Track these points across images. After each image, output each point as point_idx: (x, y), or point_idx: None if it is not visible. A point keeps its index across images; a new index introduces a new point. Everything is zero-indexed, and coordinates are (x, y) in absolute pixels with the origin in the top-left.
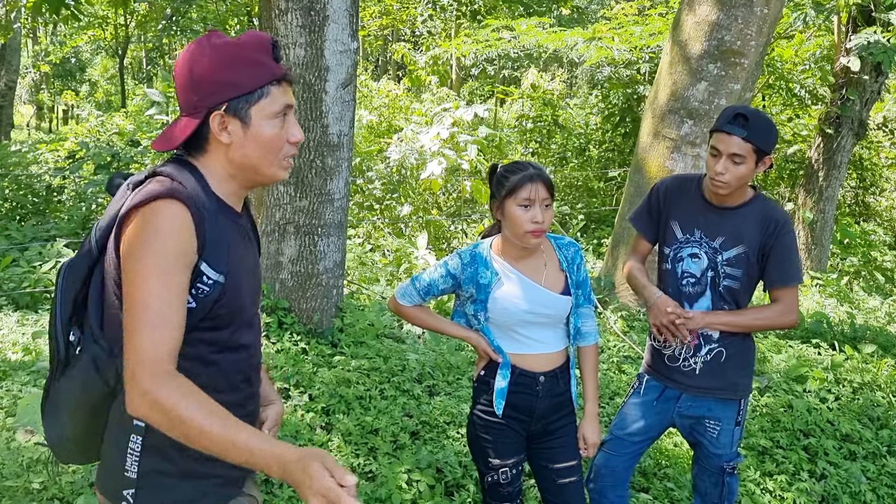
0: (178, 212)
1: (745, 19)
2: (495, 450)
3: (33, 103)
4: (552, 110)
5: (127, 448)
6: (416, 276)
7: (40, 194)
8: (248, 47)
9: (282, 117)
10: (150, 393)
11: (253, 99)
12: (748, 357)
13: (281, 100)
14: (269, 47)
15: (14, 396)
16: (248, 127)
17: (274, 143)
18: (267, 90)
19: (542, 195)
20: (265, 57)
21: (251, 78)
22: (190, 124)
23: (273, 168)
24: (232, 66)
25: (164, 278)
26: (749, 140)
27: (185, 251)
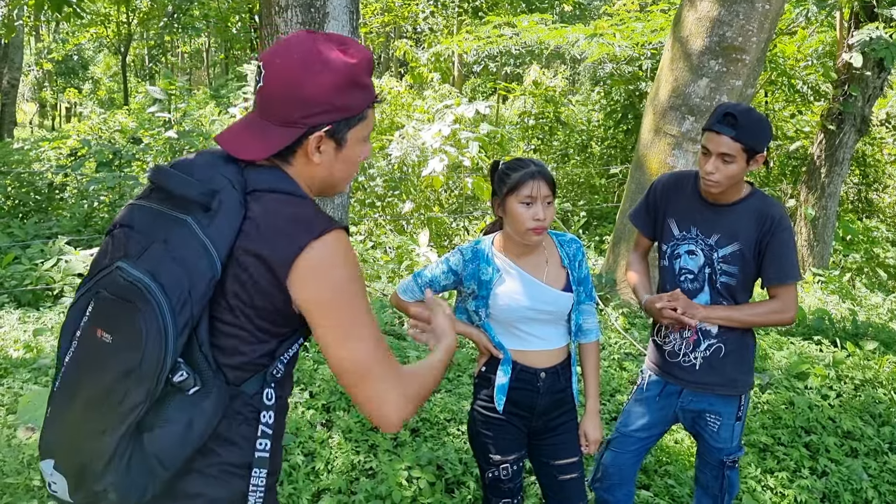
0: (350, 244)
1: (746, 15)
2: (496, 446)
3: (36, 101)
4: (554, 107)
5: (248, 484)
6: (418, 272)
7: (42, 192)
8: (360, 69)
9: (367, 139)
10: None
11: (353, 122)
12: (748, 353)
13: (372, 122)
14: (372, 67)
15: (15, 394)
16: (342, 149)
17: (357, 163)
18: (367, 113)
19: (544, 192)
20: (369, 77)
21: (359, 101)
22: (285, 137)
23: (346, 184)
24: (349, 90)
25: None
26: (738, 139)
27: None
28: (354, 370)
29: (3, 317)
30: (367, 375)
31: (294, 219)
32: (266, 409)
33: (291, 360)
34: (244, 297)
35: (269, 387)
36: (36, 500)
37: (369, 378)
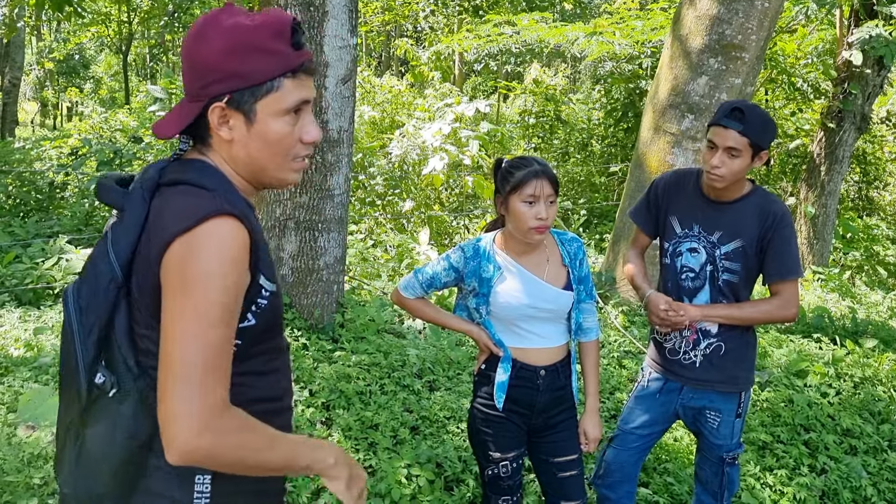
0: (235, 233)
1: (745, 13)
2: (496, 443)
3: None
4: (555, 105)
5: (192, 489)
6: (419, 269)
7: (43, 191)
8: (262, 31)
9: (293, 114)
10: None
11: (260, 92)
12: (748, 351)
13: (295, 95)
14: (289, 32)
15: (15, 392)
16: (253, 124)
17: (282, 143)
18: (278, 83)
19: (547, 192)
20: (281, 43)
21: (261, 68)
22: (190, 111)
23: (282, 171)
24: (241, 53)
25: (227, 320)
26: (745, 134)
27: (243, 276)
28: (165, 364)
29: (4, 315)
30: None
31: (177, 211)
32: None
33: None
34: (143, 297)
35: None
36: (36, 498)
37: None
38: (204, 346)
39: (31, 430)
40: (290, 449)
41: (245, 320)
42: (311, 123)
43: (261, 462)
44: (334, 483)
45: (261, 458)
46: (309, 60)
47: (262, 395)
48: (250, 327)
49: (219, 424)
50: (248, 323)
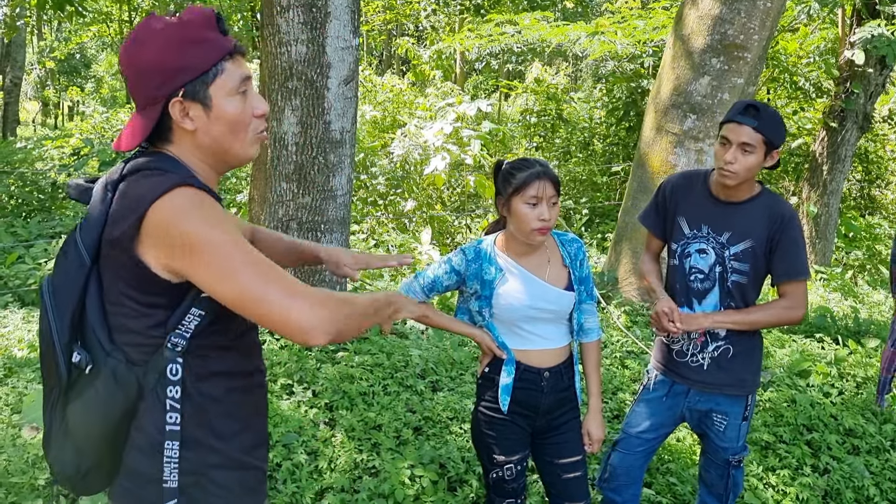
0: (199, 192)
1: (747, 13)
2: (500, 446)
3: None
4: (556, 104)
5: (162, 458)
6: (420, 273)
7: (45, 191)
8: (191, 26)
9: (242, 93)
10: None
11: (209, 79)
12: (755, 353)
13: (237, 73)
14: (214, 21)
15: (20, 393)
16: (211, 108)
17: (240, 119)
18: (221, 67)
19: (549, 193)
20: (211, 32)
21: (202, 57)
22: (148, 117)
23: (244, 145)
24: (179, 49)
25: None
26: (759, 130)
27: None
28: (249, 299)
29: (8, 316)
30: (262, 299)
31: (141, 190)
32: (172, 385)
33: (202, 332)
34: (114, 277)
35: (174, 362)
36: (41, 499)
37: (266, 301)
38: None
39: (36, 432)
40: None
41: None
42: (258, 98)
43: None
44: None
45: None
46: (238, 42)
47: (226, 370)
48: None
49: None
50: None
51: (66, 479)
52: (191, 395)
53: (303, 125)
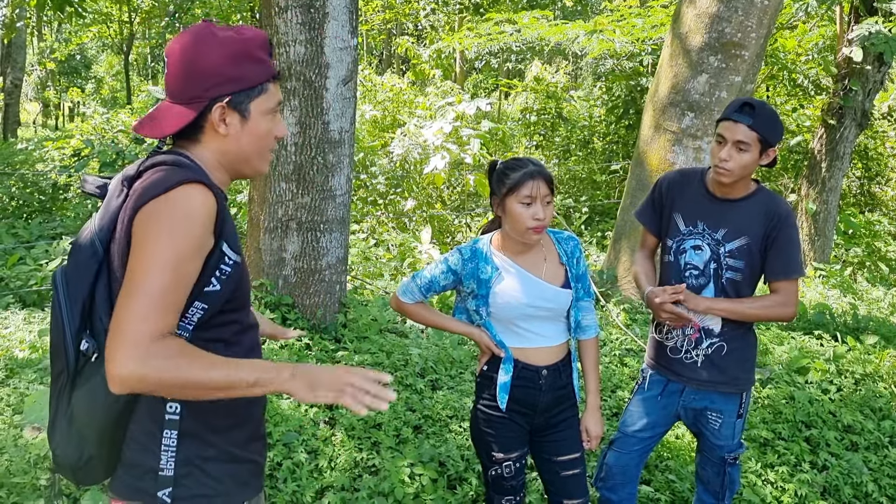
0: (206, 196)
1: (745, 11)
2: (498, 444)
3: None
4: (556, 103)
5: (160, 446)
6: (417, 273)
7: (46, 192)
8: (251, 43)
9: (273, 114)
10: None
11: (254, 94)
12: (749, 351)
13: (276, 97)
14: (268, 45)
15: (21, 394)
16: (247, 121)
17: (267, 137)
18: (266, 87)
19: (543, 192)
20: (266, 54)
21: (255, 74)
22: (187, 114)
23: (262, 161)
24: (239, 61)
25: (182, 265)
26: (754, 128)
27: (207, 237)
28: (114, 321)
29: (9, 317)
30: (117, 330)
31: (152, 183)
32: None
33: (204, 324)
34: (119, 267)
35: None
36: (42, 499)
37: (118, 333)
38: (149, 286)
39: (37, 432)
40: (233, 369)
41: (210, 284)
42: (282, 122)
43: (199, 380)
44: (297, 395)
45: (198, 376)
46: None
47: None
48: (215, 292)
49: (149, 351)
50: (213, 287)
51: (67, 468)
52: None
53: (301, 125)
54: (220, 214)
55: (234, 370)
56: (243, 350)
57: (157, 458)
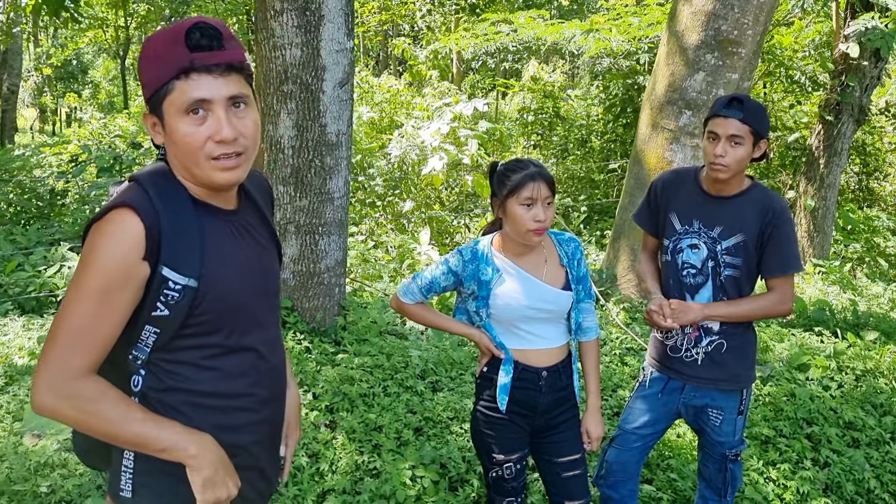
0: (127, 224)
1: (741, 8)
2: (499, 445)
3: (36, 106)
4: (553, 102)
5: (121, 465)
6: (418, 274)
7: (44, 198)
8: (159, 39)
9: (196, 114)
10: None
11: (162, 95)
12: (749, 348)
13: (188, 95)
14: (183, 35)
15: (21, 401)
16: (165, 126)
17: (189, 142)
18: (171, 85)
19: (544, 194)
20: (175, 47)
21: (157, 74)
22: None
23: (203, 171)
24: (146, 63)
25: (109, 297)
26: (746, 122)
27: (135, 265)
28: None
29: (8, 324)
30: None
31: (102, 207)
32: (133, 395)
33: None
34: None
35: (137, 373)
36: None
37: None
38: (71, 319)
39: (38, 439)
40: (146, 430)
41: (156, 310)
42: (220, 121)
43: (108, 432)
44: (191, 474)
45: (107, 428)
46: (202, 58)
47: (204, 390)
48: (164, 317)
49: (66, 388)
50: (161, 313)
51: (79, 451)
52: (151, 404)
53: (298, 128)
54: (158, 238)
55: (150, 430)
56: (222, 375)
57: (118, 477)
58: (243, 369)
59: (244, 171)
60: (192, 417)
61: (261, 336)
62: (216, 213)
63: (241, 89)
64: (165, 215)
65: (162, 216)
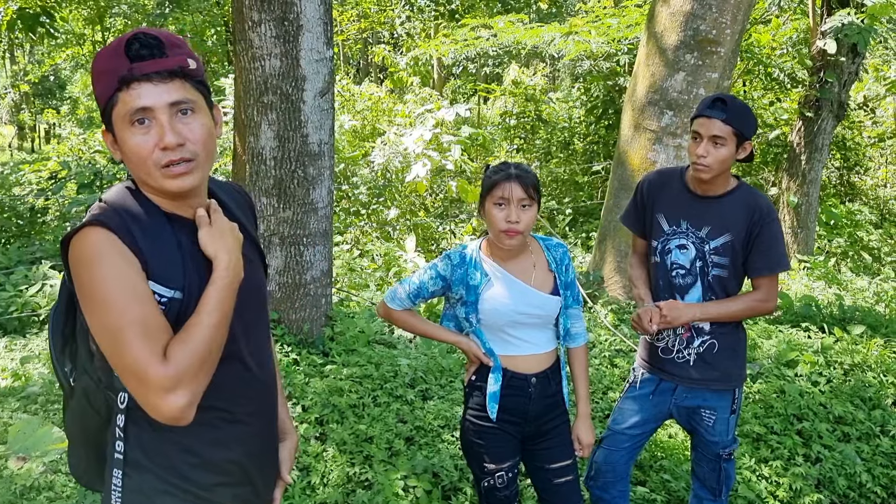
0: (104, 237)
1: (719, 8)
2: (490, 454)
3: (14, 124)
4: (535, 105)
5: (111, 485)
6: (405, 280)
7: (24, 216)
8: (102, 55)
9: (141, 124)
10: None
11: (109, 110)
12: (740, 347)
13: (129, 105)
14: (123, 48)
15: (5, 423)
16: (117, 140)
17: (136, 152)
18: (116, 98)
19: (518, 195)
20: (116, 59)
21: (102, 88)
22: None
23: (154, 180)
24: (94, 79)
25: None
26: (728, 122)
27: (131, 262)
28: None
29: None
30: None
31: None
32: (120, 412)
33: None
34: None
35: (123, 390)
36: None
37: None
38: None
39: (23, 462)
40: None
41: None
42: (163, 127)
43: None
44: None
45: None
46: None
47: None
48: None
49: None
50: None
51: (74, 471)
52: (137, 422)
53: (280, 139)
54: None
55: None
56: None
57: (108, 496)
58: (230, 381)
59: (197, 178)
60: (182, 434)
61: (248, 347)
62: (184, 225)
63: (186, 94)
64: (140, 232)
65: (136, 233)
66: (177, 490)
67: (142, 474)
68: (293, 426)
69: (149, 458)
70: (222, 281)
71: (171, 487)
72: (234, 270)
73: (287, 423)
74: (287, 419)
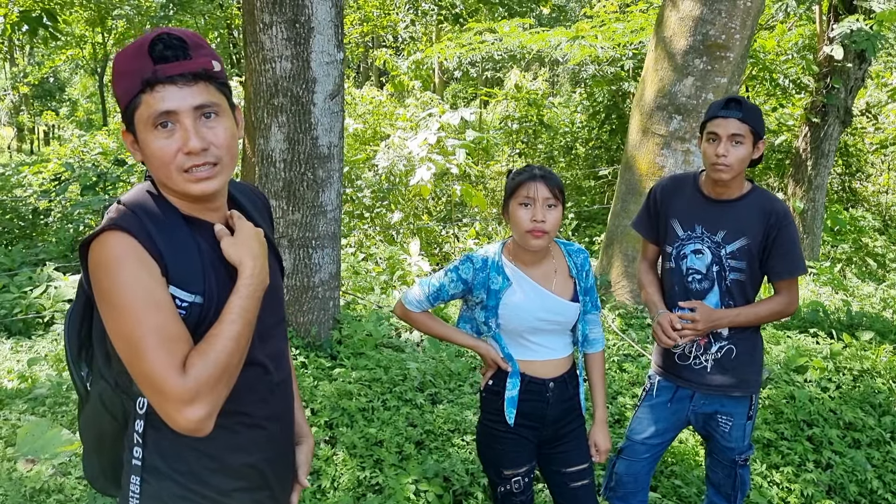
0: (126, 242)
1: (728, 13)
2: (508, 460)
3: (13, 125)
4: (537, 110)
5: (129, 492)
6: (425, 281)
7: (27, 218)
8: (124, 55)
9: (164, 127)
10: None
11: (131, 111)
12: (757, 352)
13: (152, 108)
14: (147, 48)
15: (13, 426)
16: (138, 138)
17: (159, 156)
18: (139, 99)
19: (544, 194)
20: (139, 60)
21: (124, 90)
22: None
23: (176, 184)
24: (114, 79)
25: (147, 299)
26: (745, 121)
27: (151, 268)
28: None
29: None
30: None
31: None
32: (138, 418)
33: None
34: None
35: (142, 395)
36: None
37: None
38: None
39: (32, 464)
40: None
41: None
42: (188, 132)
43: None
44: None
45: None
46: (165, 69)
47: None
48: None
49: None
50: None
51: (89, 476)
52: (158, 427)
53: (290, 141)
54: (154, 255)
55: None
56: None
57: (126, 501)
58: (250, 384)
59: (220, 181)
60: (202, 439)
61: (267, 350)
62: (205, 228)
63: (210, 98)
64: (160, 236)
65: (156, 237)
66: (195, 496)
67: (160, 481)
68: (309, 429)
69: (167, 464)
70: (246, 289)
71: (189, 493)
72: (259, 277)
73: (303, 426)
74: (303, 422)
